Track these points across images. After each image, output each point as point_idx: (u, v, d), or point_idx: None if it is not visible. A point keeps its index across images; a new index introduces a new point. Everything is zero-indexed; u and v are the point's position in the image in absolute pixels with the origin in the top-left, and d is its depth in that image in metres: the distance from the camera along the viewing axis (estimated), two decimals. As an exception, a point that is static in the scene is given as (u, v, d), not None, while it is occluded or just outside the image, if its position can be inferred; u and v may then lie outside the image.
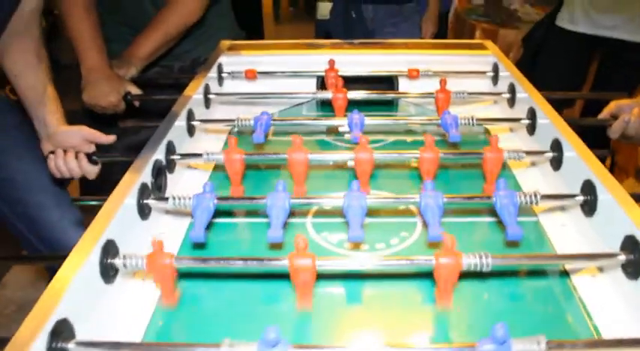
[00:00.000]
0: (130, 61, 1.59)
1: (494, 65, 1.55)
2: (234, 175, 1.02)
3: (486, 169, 1.00)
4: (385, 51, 1.62)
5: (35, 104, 1.31)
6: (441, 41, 1.73)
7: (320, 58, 1.55)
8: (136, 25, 1.73)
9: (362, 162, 0.98)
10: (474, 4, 2.98)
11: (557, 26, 2.15)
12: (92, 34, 1.50)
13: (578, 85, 2.25)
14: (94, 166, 1.23)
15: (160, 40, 1.62)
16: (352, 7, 2.25)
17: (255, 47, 1.65)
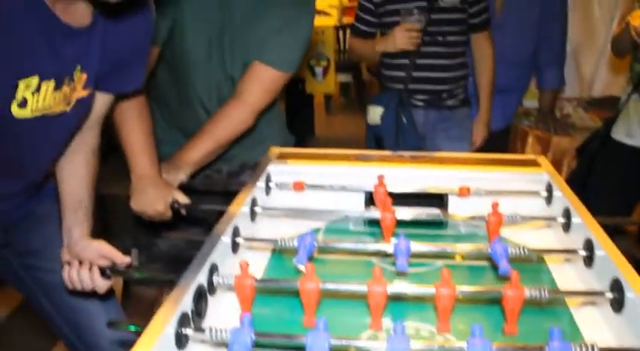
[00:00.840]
0: (179, 166, 1.61)
1: (548, 185, 1.51)
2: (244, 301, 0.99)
3: (507, 308, 0.95)
4: (435, 166, 1.60)
5: (68, 211, 1.34)
6: (493, 157, 1.70)
7: (369, 171, 1.54)
8: (187, 129, 1.77)
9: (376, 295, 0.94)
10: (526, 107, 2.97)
11: (613, 138, 2.11)
12: (144, 142, 1.53)
13: (634, 200, 2.18)
14: (106, 280, 1.23)
15: (211, 147, 1.65)
16: (403, 112, 2.28)
17: (304, 156, 1.66)
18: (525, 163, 1.64)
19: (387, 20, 2.30)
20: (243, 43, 1.66)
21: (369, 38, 2.39)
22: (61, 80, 1.09)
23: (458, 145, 2.39)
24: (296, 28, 1.67)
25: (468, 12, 2.29)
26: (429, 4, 2.22)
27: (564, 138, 2.67)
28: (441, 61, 2.30)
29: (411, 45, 2.19)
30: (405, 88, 2.31)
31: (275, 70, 1.65)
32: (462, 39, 2.34)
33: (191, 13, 1.59)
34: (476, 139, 2.49)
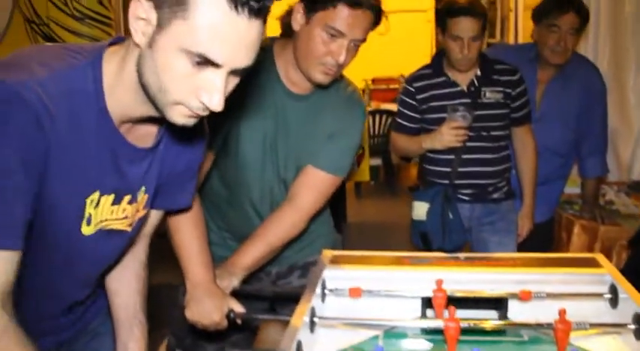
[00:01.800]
0: (232, 272, 1.60)
1: (612, 286, 1.46)
2: None
3: None
4: (491, 269, 1.57)
5: (122, 327, 1.33)
6: (550, 256, 1.67)
7: (424, 275, 1.52)
8: (238, 233, 1.78)
9: None
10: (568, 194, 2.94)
11: (666, 230, 2.07)
12: (199, 250, 1.52)
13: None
14: None
15: (264, 252, 1.65)
16: (449, 207, 2.27)
17: (358, 261, 1.64)
18: (584, 263, 1.61)
19: (431, 116, 2.34)
20: (297, 148, 1.69)
21: (413, 134, 2.41)
22: (120, 196, 1.11)
23: (504, 238, 2.37)
24: (348, 133, 1.71)
25: (510, 107, 2.32)
26: (473, 100, 2.26)
27: (612, 227, 2.62)
28: (486, 156, 2.32)
29: (458, 142, 2.21)
30: (450, 183, 2.32)
31: (328, 174, 1.68)
32: (504, 133, 2.36)
33: (246, 121, 1.64)
34: (521, 231, 2.46)
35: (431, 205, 2.29)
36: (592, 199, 2.76)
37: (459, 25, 2.17)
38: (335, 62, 1.51)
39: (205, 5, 0.87)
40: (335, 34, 1.48)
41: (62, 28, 2.82)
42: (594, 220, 2.68)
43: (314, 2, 1.49)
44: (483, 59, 2.31)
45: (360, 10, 1.47)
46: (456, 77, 2.31)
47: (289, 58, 1.61)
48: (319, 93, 1.66)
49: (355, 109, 1.72)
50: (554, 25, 2.44)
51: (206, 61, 0.90)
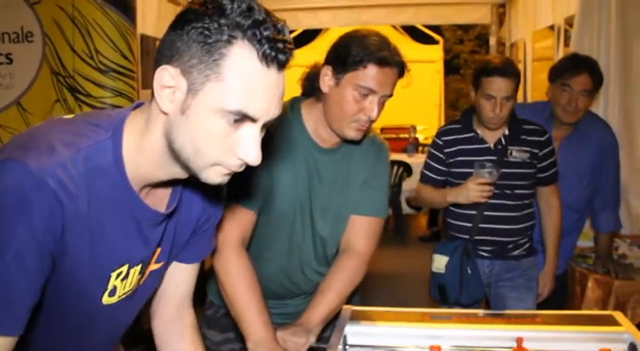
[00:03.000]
0: (308, 329, 1.59)
1: (632, 346, 1.47)
2: None
3: None
4: (508, 326, 1.59)
5: None
6: (568, 313, 1.70)
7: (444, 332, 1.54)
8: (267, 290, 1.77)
9: None
10: (580, 247, 2.95)
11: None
12: (258, 307, 1.54)
13: None
14: None
15: (337, 302, 1.65)
16: (468, 263, 2.28)
17: (378, 317, 1.67)
18: (602, 321, 1.62)
19: (457, 171, 2.36)
20: (333, 201, 1.73)
21: (439, 186, 2.44)
22: (147, 263, 1.12)
23: (523, 294, 2.36)
24: (379, 175, 1.77)
25: (536, 167, 2.35)
26: (499, 158, 2.30)
27: (626, 282, 2.61)
28: (509, 214, 2.33)
29: (482, 198, 2.23)
30: (471, 238, 2.33)
31: (373, 218, 1.74)
32: (529, 192, 2.37)
33: (280, 181, 1.67)
34: (542, 291, 2.46)
35: (450, 259, 2.30)
36: (605, 253, 2.76)
37: (493, 85, 2.21)
38: (368, 118, 1.57)
39: (237, 64, 0.88)
40: (366, 92, 1.54)
41: (87, 80, 2.90)
42: (608, 274, 2.67)
43: (343, 64, 1.55)
44: (512, 118, 2.35)
45: (388, 68, 1.54)
46: (484, 134, 2.35)
47: (318, 117, 1.67)
48: (346, 145, 1.72)
49: (380, 152, 1.79)
50: (567, 85, 2.49)
51: (243, 117, 0.91)
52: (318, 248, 1.74)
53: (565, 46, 3.99)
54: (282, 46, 0.91)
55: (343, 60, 1.54)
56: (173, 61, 0.91)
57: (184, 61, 0.90)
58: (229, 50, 0.88)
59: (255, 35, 0.89)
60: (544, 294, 2.45)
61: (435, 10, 6.02)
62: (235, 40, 0.88)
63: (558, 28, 4.26)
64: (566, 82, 2.48)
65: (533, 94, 5.14)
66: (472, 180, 2.22)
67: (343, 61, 1.54)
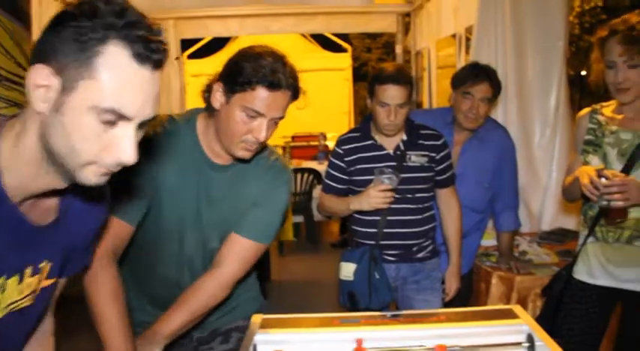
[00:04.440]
0: (153, 341, 1.56)
1: (529, 336, 1.54)
2: None
3: None
4: (415, 326, 1.62)
5: None
6: (470, 310, 1.75)
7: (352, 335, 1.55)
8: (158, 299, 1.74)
9: None
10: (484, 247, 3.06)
11: (576, 279, 2.18)
12: (119, 321, 1.49)
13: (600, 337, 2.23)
14: None
15: (186, 320, 1.61)
16: (375, 268, 2.31)
17: (287, 324, 1.65)
18: (503, 315, 1.68)
19: (358, 178, 2.38)
20: (221, 218, 1.69)
21: (341, 195, 2.46)
22: (23, 273, 1.06)
23: (429, 295, 2.41)
24: (272, 201, 1.72)
25: (434, 170, 2.40)
26: (399, 163, 2.34)
27: (527, 277, 2.74)
28: (411, 217, 2.38)
29: (385, 204, 2.25)
30: (376, 244, 2.36)
31: (252, 242, 1.68)
32: (429, 195, 2.44)
33: (168, 194, 1.63)
34: (449, 291, 2.52)
35: (358, 266, 2.33)
36: (507, 250, 2.89)
37: (387, 93, 2.25)
38: (255, 140, 1.54)
39: (110, 62, 0.90)
40: (254, 115, 1.52)
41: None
42: (510, 270, 2.80)
43: (233, 83, 1.52)
44: (409, 124, 2.40)
45: (278, 92, 1.51)
46: (382, 141, 2.38)
47: (211, 131, 1.63)
48: (242, 163, 1.68)
49: (279, 177, 1.74)
50: (469, 92, 2.59)
51: (117, 115, 0.92)
52: (209, 262, 1.70)
53: (466, 53, 4.15)
54: (156, 46, 0.93)
55: (234, 79, 1.51)
56: (47, 60, 0.91)
57: (59, 60, 0.90)
58: (103, 49, 0.90)
59: (128, 35, 0.91)
60: (451, 293, 2.52)
61: (343, 19, 6.10)
62: (109, 39, 0.90)
63: (460, 36, 4.43)
64: (468, 89, 2.58)
65: (438, 99, 5.32)
66: (373, 187, 2.24)
67: (233, 80, 1.51)
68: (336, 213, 2.58)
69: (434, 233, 2.48)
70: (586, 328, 2.17)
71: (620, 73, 1.94)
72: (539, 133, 3.50)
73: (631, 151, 2.01)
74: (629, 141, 2.03)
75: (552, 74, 3.44)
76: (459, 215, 2.51)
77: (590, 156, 2.11)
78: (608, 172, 1.90)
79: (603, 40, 1.99)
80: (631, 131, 2.03)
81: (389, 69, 2.29)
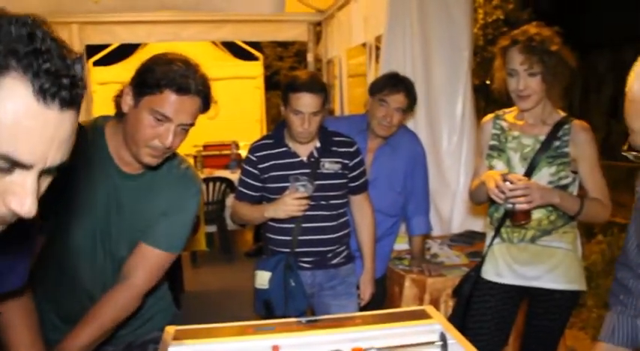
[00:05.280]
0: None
1: (442, 335, 1.58)
2: None
3: None
4: (331, 330, 1.63)
5: None
6: (385, 312, 1.78)
7: (268, 342, 1.54)
8: (69, 315, 1.67)
9: None
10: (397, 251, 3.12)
11: (484, 279, 2.27)
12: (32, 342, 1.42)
13: (508, 333, 2.33)
14: None
15: (95, 335, 1.56)
16: (291, 275, 2.30)
17: (201, 334, 1.61)
18: (416, 316, 1.72)
19: (272, 186, 2.37)
20: (130, 227, 1.64)
21: (255, 203, 2.43)
22: None
23: (345, 301, 2.43)
24: (181, 210, 1.68)
25: (347, 177, 2.42)
26: (313, 171, 2.34)
27: (438, 278, 2.81)
28: (326, 224, 2.38)
29: (300, 211, 2.25)
30: (291, 251, 2.35)
31: (161, 252, 1.64)
32: (343, 201, 2.45)
33: (76, 202, 1.56)
34: (364, 296, 2.55)
35: (273, 273, 2.31)
36: (419, 253, 2.96)
37: (300, 101, 2.25)
38: (162, 146, 1.50)
39: (6, 99, 0.73)
40: (161, 118, 1.48)
41: None
42: (422, 273, 2.86)
43: (141, 86, 1.49)
44: (323, 132, 2.41)
45: (187, 97, 1.49)
46: (296, 148, 2.38)
47: (120, 138, 1.58)
48: (152, 172, 1.64)
49: (189, 187, 1.71)
50: (385, 100, 2.64)
51: (11, 162, 0.75)
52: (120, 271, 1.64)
53: (376, 62, 4.23)
54: (68, 82, 0.76)
55: (143, 82, 1.48)
56: None
57: None
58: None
59: (31, 66, 0.73)
60: (366, 298, 2.54)
61: (254, 27, 6.08)
62: (7, 70, 0.73)
63: (370, 46, 4.51)
64: (384, 97, 2.63)
65: (350, 107, 5.40)
66: (288, 195, 2.23)
67: (143, 83, 1.48)
68: (250, 221, 2.55)
69: (348, 239, 2.50)
70: (495, 325, 2.26)
71: (521, 80, 2.05)
72: (446, 140, 3.62)
73: (532, 155, 2.11)
74: (530, 146, 2.13)
75: (458, 83, 3.57)
76: (372, 221, 2.55)
77: (494, 160, 2.20)
78: (512, 177, 1.99)
79: (505, 49, 2.09)
80: (532, 136, 2.14)
81: (302, 77, 2.29)
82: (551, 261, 2.14)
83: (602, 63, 10.15)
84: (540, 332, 2.22)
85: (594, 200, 2.08)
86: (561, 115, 2.15)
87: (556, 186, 2.07)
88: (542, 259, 2.15)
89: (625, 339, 1.51)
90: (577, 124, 2.11)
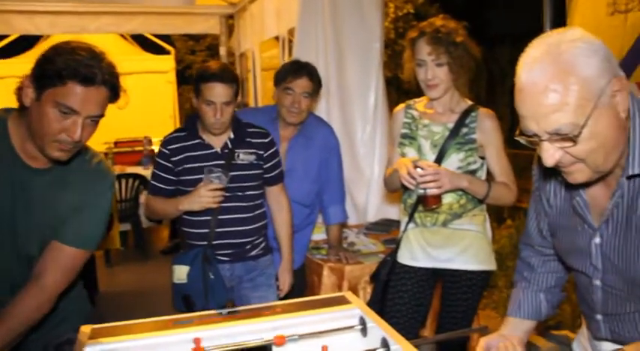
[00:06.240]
0: None
1: (361, 319, 1.62)
2: None
3: None
4: (253, 320, 1.63)
5: None
6: (305, 300, 1.80)
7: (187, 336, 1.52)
8: None
9: None
10: (314, 241, 3.16)
11: (400, 263, 2.34)
12: None
13: (425, 313, 2.41)
14: None
15: (5, 339, 1.49)
16: (209, 268, 2.28)
17: (119, 331, 1.57)
18: (336, 302, 1.75)
19: (186, 178, 2.33)
20: (40, 224, 1.57)
21: (169, 197, 2.39)
22: None
23: (265, 292, 2.44)
24: (94, 206, 1.63)
25: (263, 167, 2.42)
26: (227, 162, 2.32)
27: (356, 266, 2.87)
28: (242, 215, 2.37)
29: (215, 203, 2.23)
30: (209, 244, 2.33)
31: (75, 249, 1.59)
32: (259, 192, 2.45)
33: None
34: (283, 287, 2.56)
35: (191, 267, 2.28)
36: (336, 242, 3.01)
37: (212, 91, 2.23)
38: (70, 139, 1.45)
39: None
40: (67, 111, 1.43)
41: None
42: (340, 261, 2.91)
43: (43, 78, 1.42)
44: (237, 123, 2.40)
45: (93, 87, 1.43)
46: (210, 140, 2.36)
47: (24, 132, 1.51)
48: (62, 166, 1.57)
49: (101, 181, 1.66)
50: (290, 88, 2.67)
51: None
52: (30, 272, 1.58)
53: (289, 55, 4.25)
54: None
55: (44, 73, 1.42)
56: None
57: None
58: None
59: None
60: (285, 289, 2.56)
61: (164, 19, 5.95)
62: None
63: (283, 38, 4.53)
64: (289, 85, 2.65)
65: (264, 101, 5.40)
66: (203, 186, 2.21)
67: (44, 74, 1.42)
68: (164, 216, 2.50)
69: (266, 230, 2.51)
70: (412, 307, 2.34)
71: (429, 70, 2.12)
72: (360, 130, 3.69)
73: (442, 142, 2.20)
74: (439, 133, 2.22)
75: (370, 74, 3.65)
76: (288, 212, 2.56)
77: (406, 148, 2.27)
78: (422, 163, 2.06)
79: (413, 40, 2.16)
80: (441, 124, 2.23)
81: (213, 67, 2.28)
82: (463, 243, 2.24)
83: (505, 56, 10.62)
84: (454, 312, 2.32)
85: (501, 184, 2.19)
86: (469, 103, 2.25)
87: (465, 171, 2.17)
88: (454, 242, 2.24)
89: (530, 312, 1.61)
90: (483, 111, 2.21)
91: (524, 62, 1.18)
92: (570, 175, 1.23)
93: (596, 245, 1.35)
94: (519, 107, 1.20)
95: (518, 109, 1.20)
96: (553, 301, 1.64)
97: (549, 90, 1.13)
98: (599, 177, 1.25)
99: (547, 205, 1.50)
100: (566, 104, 1.12)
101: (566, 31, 1.19)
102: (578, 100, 1.12)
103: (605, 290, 1.39)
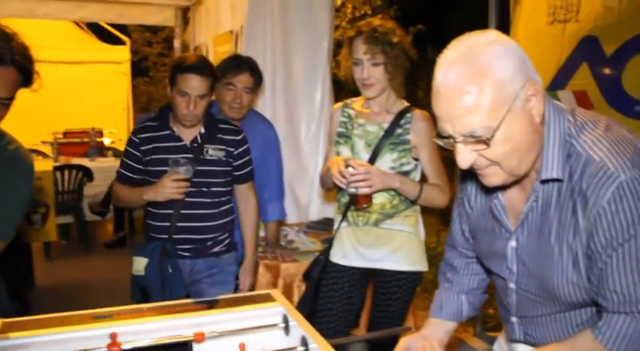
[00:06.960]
0: None
1: (284, 317, 1.61)
2: None
3: None
4: (172, 316, 1.61)
5: None
6: (230, 297, 1.79)
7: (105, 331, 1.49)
8: None
9: None
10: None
11: (332, 261, 2.34)
12: None
13: (357, 311, 2.42)
14: None
15: None
16: (168, 262, 2.26)
17: (32, 325, 1.53)
18: (261, 299, 1.75)
19: (154, 169, 2.30)
20: None
21: (137, 185, 2.35)
22: None
23: (221, 289, 2.40)
24: (12, 194, 1.59)
25: (232, 165, 2.40)
26: (196, 155, 2.29)
27: (292, 264, 2.87)
28: (206, 211, 2.35)
29: (179, 194, 2.21)
30: (169, 237, 2.30)
31: None
32: (226, 189, 2.42)
33: None
34: (243, 285, 2.55)
35: (149, 260, 2.26)
36: (274, 240, 3.00)
37: (187, 82, 2.20)
38: None
39: None
40: None
41: None
42: (276, 259, 2.90)
43: None
44: (209, 118, 2.38)
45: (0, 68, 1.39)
46: (180, 132, 2.33)
47: None
48: None
49: (18, 167, 1.62)
50: (231, 83, 2.65)
51: None
52: None
53: (242, 50, 4.21)
54: None
55: None
56: None
57: None
58: None
59: None
60: (245, 288, 2.55)
61: (119, 8, 5.81)
62: None
63: (236, 33, 4.48)
64: (230, 80, 2.64)
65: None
66: (167, 177, 2.19)
67: None
68: (129, 204, 2.49)
69: (231, 227, 2.48)
70: (343, 306, 2.34)
71: (365, 70, 2.13)
72: (305, 128, 3.69)
73: (376, 142, 2.21)
74: (374, 133, 2.23)
75: (317, 72, 3.66)
76: (255, 211, 2.56)
77: (341, 147, 2.28)
78: (354, 162, 2.07)
79: (351, 39, 2.17)
80: (376, 124, 2.24)
81: (191, 58, 2.26)
82: (394, 243, 2.25)
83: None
84: (385, 311, 2.33)
85: (433, 185, 2.22)
86: (405, 104, 2.26)
87: (398, 172, 2.18)
88: (385, 242, 2.25)
89: (451, 313, 1.63)
90: (418, 113, 2.23)
91: (440, 64, 1.19)
92: (485, 177, 1.25)
93: (512, 248, 1.37)
94: (435, 108, 1.20)
95: (434, 111, 1.21)
96: (475, 302, 1.66)
97: (464, 92, 1.14)
98: (515, 180, 1.27)
99: (468, 207, 1.52)
100: (480, 106, 1.13)
101: (482, 33, 1.20)
102: (492, 103, 1.13)
103: (520, 293, 1.42)
